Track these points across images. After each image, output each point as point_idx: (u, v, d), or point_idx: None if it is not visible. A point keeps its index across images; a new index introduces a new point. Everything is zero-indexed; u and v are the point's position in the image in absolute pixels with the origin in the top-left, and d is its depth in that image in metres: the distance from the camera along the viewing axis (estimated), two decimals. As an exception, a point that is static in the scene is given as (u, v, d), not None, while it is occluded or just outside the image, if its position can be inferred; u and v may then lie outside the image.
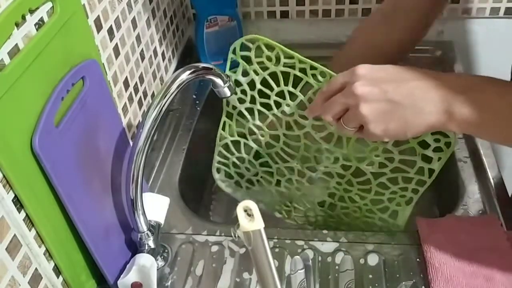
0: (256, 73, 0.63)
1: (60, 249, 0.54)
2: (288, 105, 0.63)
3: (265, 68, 0.61)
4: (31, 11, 0.49)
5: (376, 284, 0.60)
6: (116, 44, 0.72)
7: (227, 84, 0.61)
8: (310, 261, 0.64)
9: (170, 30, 0.98)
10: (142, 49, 0.83)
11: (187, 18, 1.09)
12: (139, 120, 0.82)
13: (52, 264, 0.54)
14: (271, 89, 0.63)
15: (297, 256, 0.64)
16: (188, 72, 0.56)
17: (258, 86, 0.63)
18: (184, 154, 0.84)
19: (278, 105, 0.64)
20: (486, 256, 0.60)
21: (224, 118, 0.71)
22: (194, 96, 0.97)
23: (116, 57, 0.72)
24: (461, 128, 0.50)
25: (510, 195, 0.72)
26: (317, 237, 0.67)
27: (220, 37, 0.99)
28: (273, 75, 0.61)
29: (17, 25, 0.47)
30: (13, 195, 0.47)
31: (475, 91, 0.50)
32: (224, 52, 1.00)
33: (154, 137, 0.84)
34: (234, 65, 0.64)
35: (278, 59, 0.59)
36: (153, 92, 0.89)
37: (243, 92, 0.66)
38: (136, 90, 0.80)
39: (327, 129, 0.63)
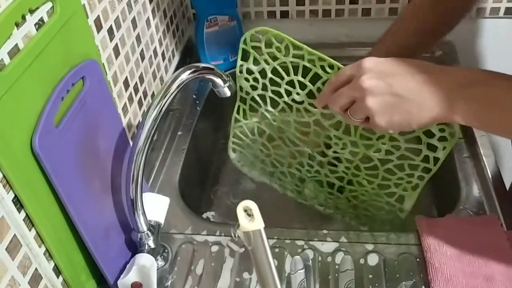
0: (267, 63, 0.65)
1: (60, 249, 0.54)
2: (298, 93, 0.65)
3: (275, 58, 0.63)
4: (31, 11, 0.49)
5: (376, 284, 0.60)
6: (116, 44, 0.72)
7: (227, 84, 0.61)
8: (310, 261, 0.64)
9: (170, 30, 0.98)
10: (142, 49, 0.83)
11: (187, 18, 1.09)
12: (139, 120, 0.82)
13: (52, 264, 0.54)
14: (282, 78, 0.65)
15: (297, 256, 0.64)
16: (188, 72, 0.56)
17: (269, 75, 0.66)
18: (184, 154, 0.84)
19: (288, 93, 0.66)
20: (486, 256, 0.60)
21: (238, 102, 0.73)
22: (194, 96, 0.97)
23: (116, 57, 0.72)
24: (465, 121, 0.51)
25: (507, 188, 0.72)
26: (317, 237, 0.67)
27: (220, 37, 0.99)
28: (283, 65, 0.63)
29: (17, 25, 0.47)
30: (13, 195, 0.47)
31: (480, 85, 0.50)
32: (224, 52, 1.02)
33: (154, 137, 0.84)
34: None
35: (287, 50, 0.61)
36: (153, 92, 0.89)
37: (255, 79, 0.68)
38: (136, 90, 0.80)
39: (336, 117, 0.64)
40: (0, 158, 0.44)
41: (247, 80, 0.68)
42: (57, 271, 0.55)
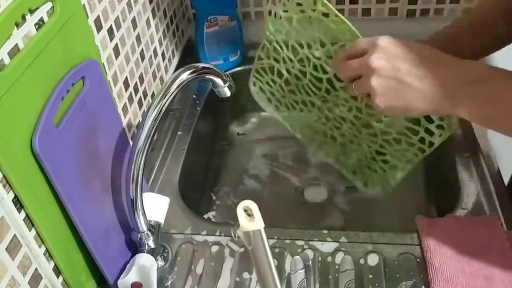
0: (295, 12, 0.66)
1: (60, 249, 0.54)
2: (317, 49, 0.66)
3: (302, 11, 0.64)
4: (31, 11, 0.49)
5: (376, 284, 0.60)
6: (116, 44, 0.72)
7: (227, 84, 0.61)
8: (310, 261, 0.64)
9: (170, 30, 0.98)
10: (142, 49, 0.83)
11: (187, 18, 1.10)
12: (139, 120, 0.82)
13: (52, 264, 0.54)
14: (305, 29, 0.66)
15: (297, 256, 0.64)
16: (188, 72, 0.56)
17: (294, 23, 0.67)
18: (184, 154, 0.84)
19: (309, 46, 0.67)
20: (486, 256, 0.60)
21: (264, 41, 0.74)
22: (194, 96, 0.97)
23: (116, 57, 0.72)
24: (468, 117, 0.51)
25: (506, 184, 0.72)
26: (317, 237, 0.67)
27: (220, 37, 0.99)
28: (309, 21, 0.65)
29: (17, 25, 0.47)
30: (13, 195, 0.47)
31: (485, 82, 0.50)
32: (224, 52, 1.02)
33: (154, 137, 0.84)
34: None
35: (315, 5, 0.62)
36: (153, 92, 0.89)
37: (282, 24, 0.69)
38: (136, 90, 0.80)
39: None
40: (0, 158, 0.44)
41: (274, 23, 0.70)
42: (57, 271, 0.55)
